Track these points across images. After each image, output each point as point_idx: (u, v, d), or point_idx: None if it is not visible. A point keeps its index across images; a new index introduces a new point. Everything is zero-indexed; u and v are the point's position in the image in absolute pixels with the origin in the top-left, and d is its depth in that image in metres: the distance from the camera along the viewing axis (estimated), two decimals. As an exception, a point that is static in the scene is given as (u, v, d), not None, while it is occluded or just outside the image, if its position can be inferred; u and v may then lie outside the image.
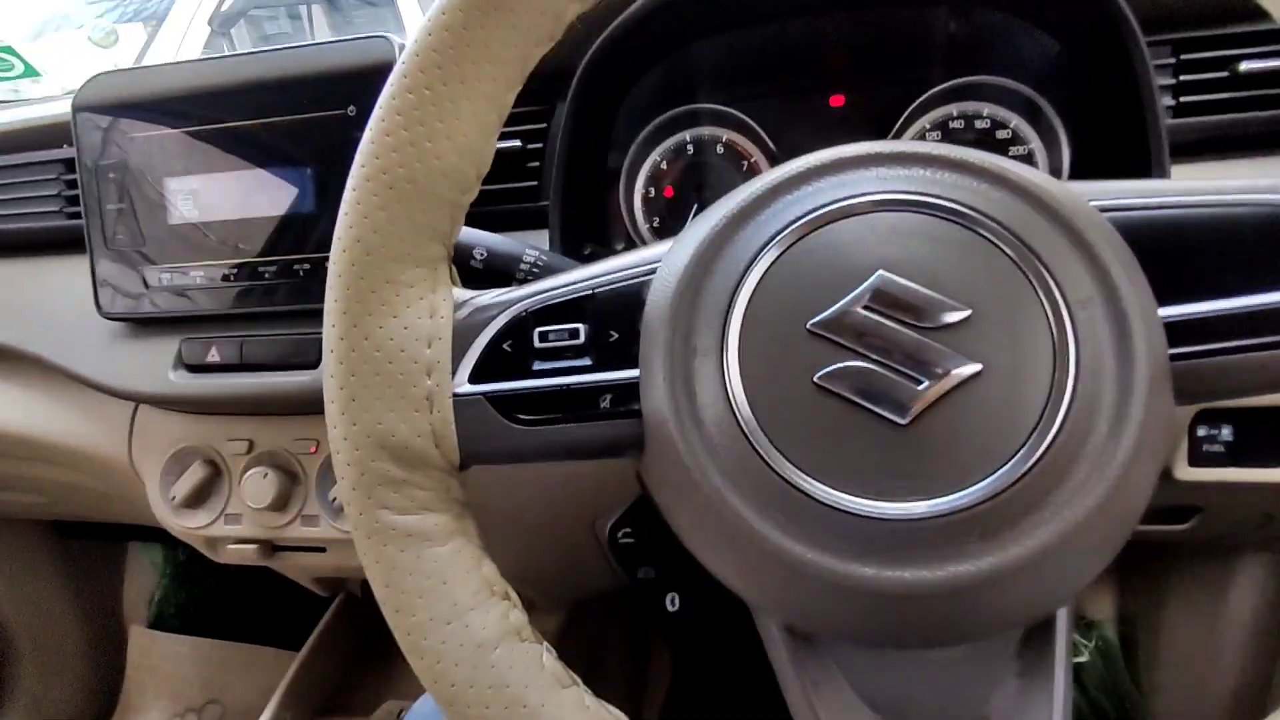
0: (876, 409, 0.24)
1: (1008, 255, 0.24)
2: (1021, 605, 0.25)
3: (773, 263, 0.26)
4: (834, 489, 0.24)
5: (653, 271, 0.28)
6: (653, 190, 0.61)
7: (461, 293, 0.30)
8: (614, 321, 0.28)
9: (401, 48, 0.52)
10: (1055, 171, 0.55)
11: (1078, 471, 0.23)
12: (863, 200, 0.26)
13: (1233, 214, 0.25)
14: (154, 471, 0.59)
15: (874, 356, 0.24)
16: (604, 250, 0.60)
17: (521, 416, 0.28)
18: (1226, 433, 0.48)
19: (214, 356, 0.54)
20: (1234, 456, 0.49)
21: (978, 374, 0.23)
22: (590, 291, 0.29)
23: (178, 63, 0.55)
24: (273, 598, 1.13)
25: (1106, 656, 0.81)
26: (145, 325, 0.57)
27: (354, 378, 0.27)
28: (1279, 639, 0.74)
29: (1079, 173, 0.55)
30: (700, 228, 0.27)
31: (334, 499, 0.56)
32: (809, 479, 0.24)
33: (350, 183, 0.29)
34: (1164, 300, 0.25)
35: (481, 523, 0.30)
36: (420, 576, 0.27)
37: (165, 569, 1.15)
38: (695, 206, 0.60)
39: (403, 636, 0.27)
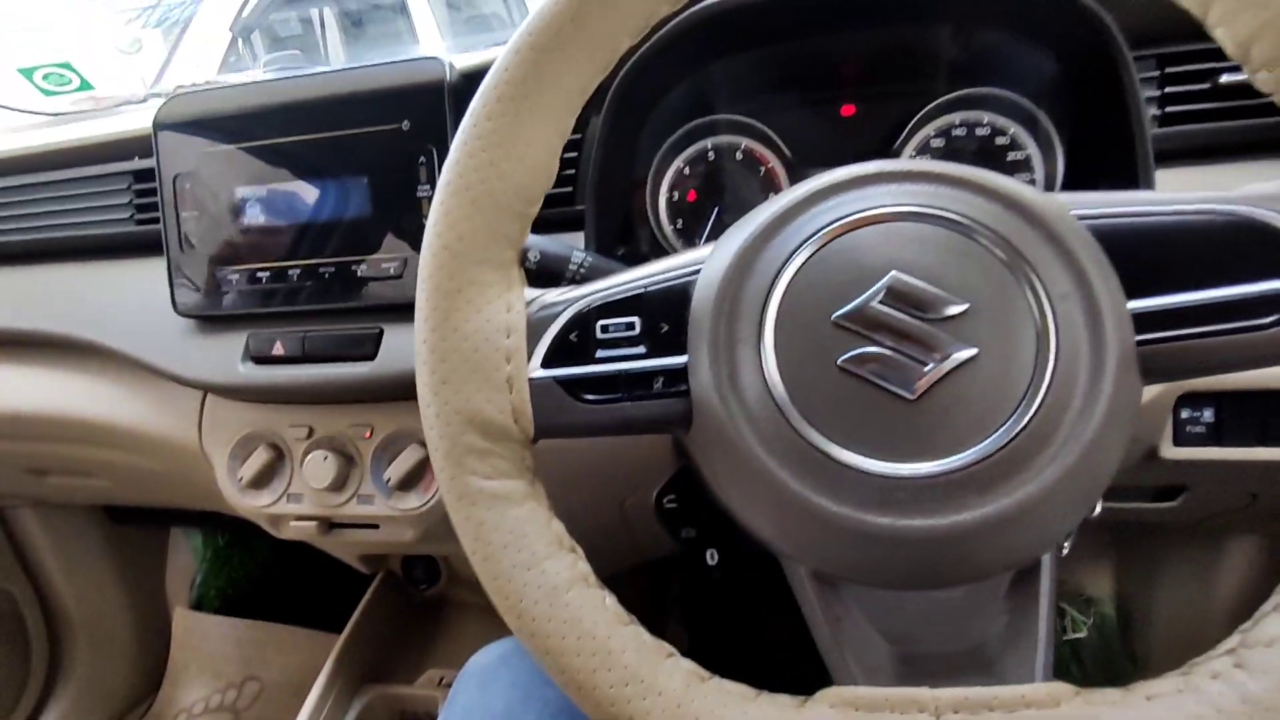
0: (890, 387, 0.29)
1: (999, 258, 0.29)
2: (1011, 551, 0.29)
3: (802, 264, 0.30)
4: (855, 454, 0.29)
5: (696, 272, 0.33)
6: (676, 194, 0.66)
7: (531, 291, 0.35)
8: (664, 315, 0.33)
9: (450, 67, 0.57)
10: (1050, 175, 0.60)
11: (1056, 438, 0.28)
12: (878, 212, 0.30)
13: (1189, 221, 0.30)
14: (221, 455, 0.64)
15: (888, 343, 0.29)
16: (633, 250, 0.65)
17: (587, 396, 0.33)
18: (1208, 414, 0.53)
19: (278, 350, 0.59)
20: (1215, 436, 0.53)
21: (974, 357, 0.28)
22: (643, 289, 0.33)
23: (246, 84, 0.60)
24: (306, 582, 1.19)
25: (1103, 632, 0.86)
26: (215, 321, 0.62)
27: (444, 364, 0.32)
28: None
29: (1072, 176, 0.59)
30: (739, 235, 0.32)
31: (388, 479, 0.61)
32: (835, 445, 0.29)
33: (438, 196, 0.33)
34: (1132, 294, 0.29)
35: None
36: (503, 532, 0.32)
37: (205, 554, 1.21)
38: (716, 210, 0.65)
39: (489, 581, 0.32)
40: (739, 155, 0.65)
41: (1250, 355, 0.29)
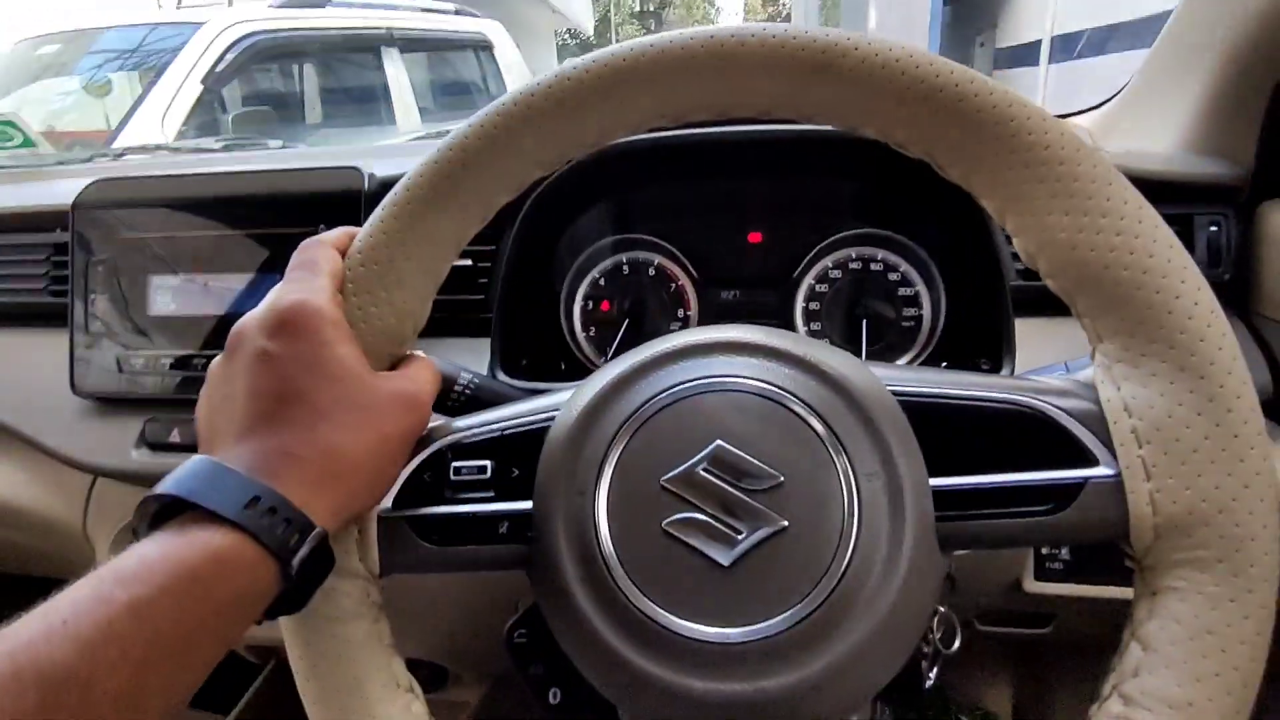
0: (707, 553, 0.30)
1: (815, 432, 0.32)
2: (818, 714, 0.31)
3: (640, 426, 0.32)
4: (674, 616, 0.30)
5: (551, 419, 0.35)
6: (591, 304, 0.69)
7: None
8: (516, 460, 0.34)
9: (371, 177, 0.60)
10: (935, 311, 0.64)
11: (856, 609, 0.30)
12: (712, 381, 0.33)
13: (989, 408, 0.33)
14: (105, 540, 0.63)
15: (709, 510, 0.31)
16: (539, 362, 0.67)
17: (434, 536, 0.34)
18: (1064, 552, 0.56)
19: (175, 438, 0.59)
20: (1073, 573, 0.56)
21: (784, 528, 0.30)
22: (499, 434, 0.35)
23: (169, 176, 0.61)
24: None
25: (1001, 747, 0.87)
26: (112, 404, 0.62)
27: None
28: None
29: (952, 312, 0.64)
30: (587, 391, 0.34)
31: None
32: (655, 606, 0.30)
33: None
34: (935, 472, 0.32)
35: (406, 608, 0.35)
36: (339, 674, 0.32)
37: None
38: (627, 322, 0.68)
39: None
40: (651, 271, 0.68)
41: (1033, 537, 0.31)
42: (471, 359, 0.60)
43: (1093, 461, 0.30)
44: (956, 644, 0.50)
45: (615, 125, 0.33)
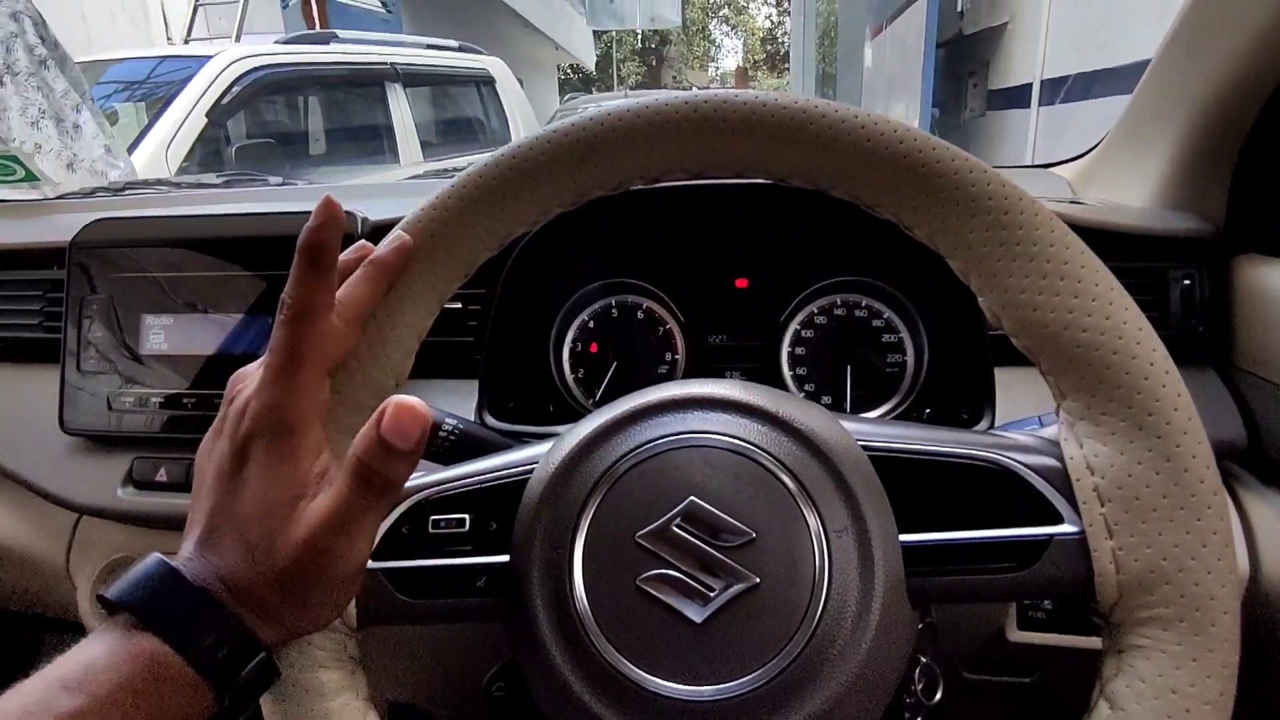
0: (680, 609, 0.31)
1: (787, 488, 0.32)
2: None
3: (615, 483, 0.33)
4: (646, 673, 0.30)
5: (529, 472, 0.35)
6: (580, 345, 0.70)
7: None
8: (494, 513, 0.35)
9: (364, 221, 0.61)
10: (919, 358, 0.65)
11: (827, 665, 0.30)
12: (687, 437, 0.33)
13: (958, 464, 0.33)
14: (87, 578, 0.62)
15: (682, 567, 0.31)
16: (527, 403, 0.67)
17: (412, 589, 0.34)
18: (1046, 603, 0.56)
19: (162, 476, 0.59)
20: (1054, 624, 0.56)
21: (756, 585, 0.31)
22: (477, 486, 0.35)
23: (167, 216, 0.62)
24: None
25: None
26: (100, 441, 0.62)
27: None
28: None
29: (935, 360, 0.65)
30: (563, 446, 0.35)
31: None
32: (628, 663, 0.31)
33: None
34: (905, 528, 0.32)
35: (388, 652, 0.35)
36: None
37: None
38: (615, 364, 0.68)
39: None
40: (640, 314, 0.69)
41: (1002, 593, 0.32)
42: (459, 400, 0.61)
43: (1058, 519, 0.31)
44: (939, 695, 0.49)
45: (595, 185, 0.34)
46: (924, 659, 0.49)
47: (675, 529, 0.32)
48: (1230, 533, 0.29)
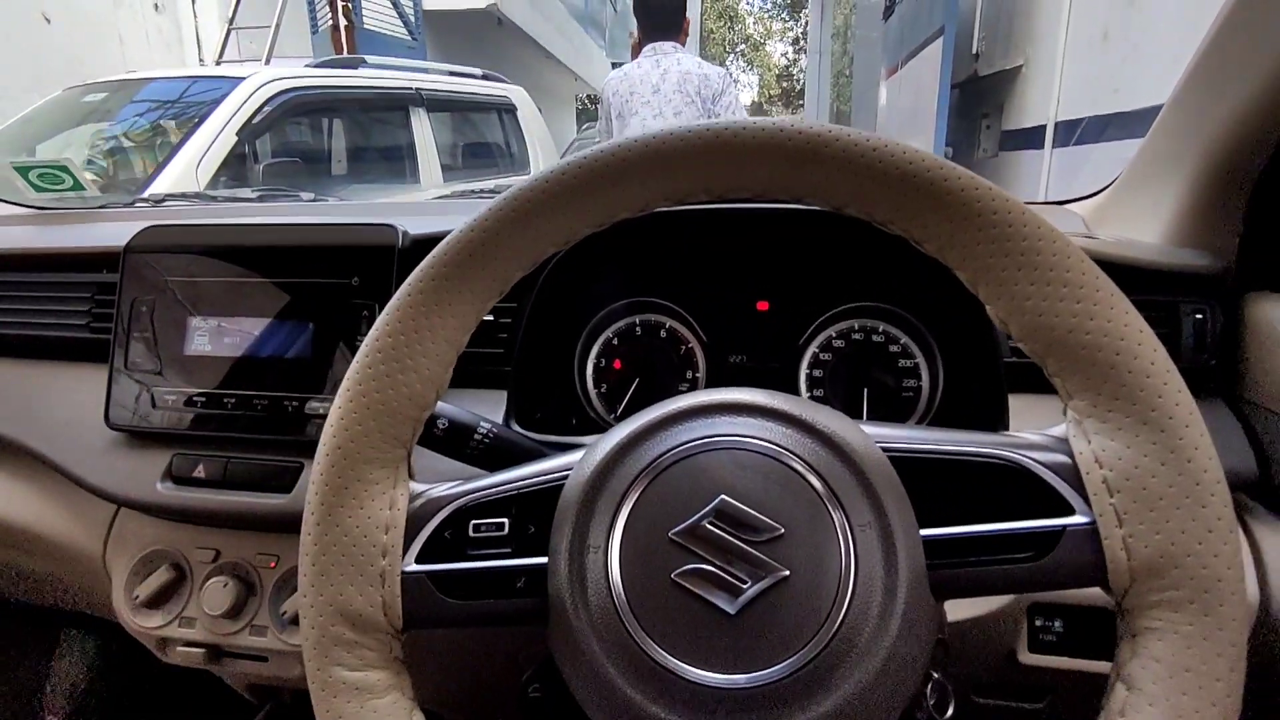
0: (714, 601, 0.32)
1: (813, 487, 0.34)
2: None
3: (649, 484, 0.35)
4: (683, 663, 0.32)
5: (565, 477, 0.37)
6: (603, 362, 0.72)
7: (417, 486, 0.38)
8: (532, 517, 0.37)
9: (404, 234, 0.64)
10: (934, 382, 0.67)
11: (854, 654, 0.31)
12: (717, 440, 0.35)
13: (975, 462, 0.35)
14: (123, 570, 0.64)
15: (715, 561, 0.33)
16: (552, 415, 0.69)
17: (455, 591, 0.36)
18: (1058, 624, 0.57)
19: (200, 472, 0.61)
20: (1067, 646, 0.57)
21: (786, 578, 0.32)
22: (516, 492, 0.37)
23: (216, 224, 0.65)
24: (199, 702, 1.13)
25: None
26: (143, 437, 0.64)
27: (324, 557, 0.35)
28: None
29: (949, 385, 0.66)
30: (599, 451, 0.36)
31: (284, 612, 0.62)
32: (665, 654, 0.32)
33: (337, 400, 0.36)
34: (926, 523, 0.34)
35: (418, 662, 0.37)
36: None
37: (95, 662, 1.14)
38: (638, 381, 0.70)
39: None
40: (663, 334, 0.72)
41: (1019, 584, 0.33)
42: (488, 409, 0.63)
43: (1070, 510, 0.33)
44: (950, 711, 0.50)
45: (622, 208, 0.36)
46: (935, 675, 0.50)
47: (708, 526, 0.33)
48: (1234, 519, 0.30)
